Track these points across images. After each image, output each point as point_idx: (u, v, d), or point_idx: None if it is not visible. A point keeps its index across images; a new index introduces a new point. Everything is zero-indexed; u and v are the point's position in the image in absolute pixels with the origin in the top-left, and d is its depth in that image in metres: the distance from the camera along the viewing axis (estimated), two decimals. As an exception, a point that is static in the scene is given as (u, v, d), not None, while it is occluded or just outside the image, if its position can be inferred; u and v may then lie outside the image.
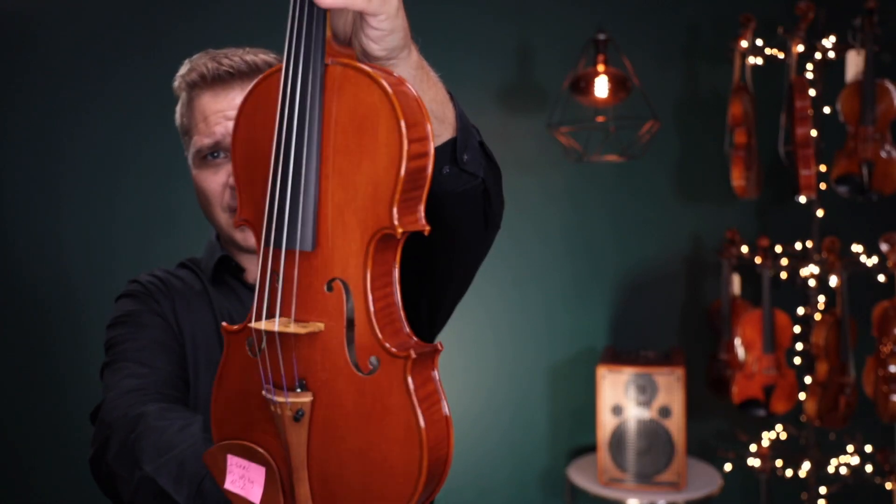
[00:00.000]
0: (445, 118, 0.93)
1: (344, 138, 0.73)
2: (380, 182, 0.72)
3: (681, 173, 3.17)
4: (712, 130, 3.06)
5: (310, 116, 0.74)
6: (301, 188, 0.74)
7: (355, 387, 0.74)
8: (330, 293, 0.74)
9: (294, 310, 0.76)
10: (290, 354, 0.75)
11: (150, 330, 1.21)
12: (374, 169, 0.72)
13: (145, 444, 0.95)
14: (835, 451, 2.90)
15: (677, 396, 2.77)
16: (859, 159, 2.69)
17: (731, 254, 2.93)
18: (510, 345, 3.21)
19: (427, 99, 0.84)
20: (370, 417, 0.74)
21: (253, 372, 0.79)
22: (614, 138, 2.96)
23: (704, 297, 3.16)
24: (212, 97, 1.20)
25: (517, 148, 3.16)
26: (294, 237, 0.74)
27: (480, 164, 0.99)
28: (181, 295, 1.27)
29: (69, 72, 3.14)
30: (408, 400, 0.72)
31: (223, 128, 1.18)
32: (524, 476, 3.22)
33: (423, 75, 0.87)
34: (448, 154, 0.94)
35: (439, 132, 0.91)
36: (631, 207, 3.18)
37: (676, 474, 2.76)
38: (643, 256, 3.19)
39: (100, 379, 1.20)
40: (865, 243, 2.82)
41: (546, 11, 3.15)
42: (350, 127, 0.73)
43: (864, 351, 2.80)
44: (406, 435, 0.72)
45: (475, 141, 0.99)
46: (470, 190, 0.99)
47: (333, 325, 0.74)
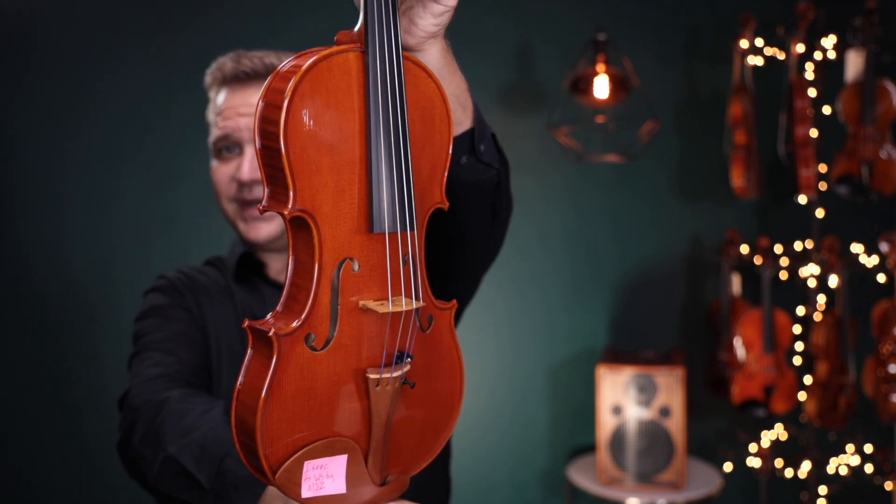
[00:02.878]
0: (467, 106, 0.95)
1: (414, 125, 0.80)
2: (436, 164, 0.82)
3: (681, 173, 3.17)
4: (712, 130, 3.06)
5: (401, 105, 0.78)
6: (407, 172, 0.79)
7: (423, 342, 0.85)
8: (405, 266, 0.81)
9: (402, 287, 0.82)
10: (405, 330, 0.82)
11: (175, 322, 1.26)
12: (433, 152, 0.82)
13: (169, 426, 0.99)
14: (835, 451, 2.90)
15: (677, 396, 2.77)
16: (859, 159, 2.69)
17: (730, 254, 2.93)
18: (510, 344, 3.22)
19: (452, 85, 0.91)
20: (430, 365, 0.86)
21: (317, 367, 0.78)
22: (614, 138, 2.97)
23: (704, 297, 3.17)
24: (229, 94, 1.28)
25: (517, 148, 3.16)
26: (403, 218, 0.79)
27: (495, 156, 1.01)
28: (206, 291, 1.33)
29: (69, 71, 3.14)
30: (453, 342, 0.88)
31: (234, 122, 1.25)
32: (524, 476, 3.22)
33: (451, 59, 0.91)
34: (466, 144, 0.97)
35: (461, 120, 0.94)
36: (631, 207, 3.18)
37: (676, 474, 2.76)
38: (643, 256, 3.19)
39: (127, 369, 1.24)
40: (865, 243, 2.82)
41: (546, 11, 3.15)
42: (416, 115, 0.80)
43: (864, 351, 2.81)
44: (452, 369, 0.89)
45: (489, 132, 1.01)
46: (484, 181, 1.01)
47: (415, 295, 0.83)
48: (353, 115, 0.77)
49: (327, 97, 0.75)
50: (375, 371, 0.80)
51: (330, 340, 0.78)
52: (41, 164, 3.17)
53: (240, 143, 1.26)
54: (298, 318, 0.77)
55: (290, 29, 3.03)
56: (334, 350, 0.79)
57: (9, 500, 3.24)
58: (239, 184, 1.26)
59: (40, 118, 3.16)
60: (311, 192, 0.75)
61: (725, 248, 2.94)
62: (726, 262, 2.94)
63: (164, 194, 3.14)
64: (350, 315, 0.79)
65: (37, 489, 3.21)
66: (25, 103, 3.16)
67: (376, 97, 0.76)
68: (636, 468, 2.78)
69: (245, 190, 1.26)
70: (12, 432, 3.21)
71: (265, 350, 0.77)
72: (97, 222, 3.17)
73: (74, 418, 3.17)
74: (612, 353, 3.00)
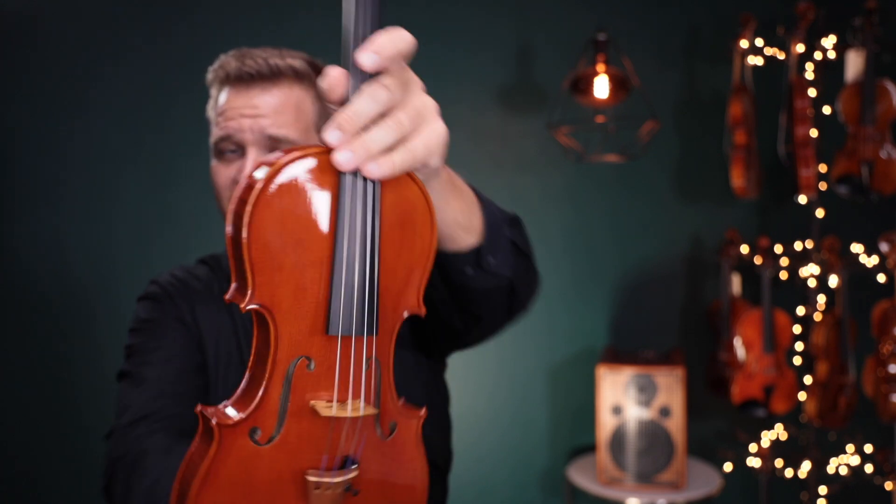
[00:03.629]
0: (471, 227, 0.93)
1: (390, 230, 0.78)
2: (413, 270, 0.80)
3: (681, 173, 3.17)
4: (712, 130, 3.06)
5: (373, 207, 0.76)
6: (371, 277, 0.77)
7: (380, 450, 0.81)
8: (368, 370, 0.79)
9: (350, 391, 0.79)
10: (352, 435, 0.79)
11: (167, 340, 1.24)
12: (410, 258, 0.80)
13: (138, 488, 0.99)
14: (835, 451, 2.90)
15: (677, 396, 2.77)
16: (859, 159, 2.69)
17: (730, 254, 2.93)
18: (510, 344, 3.21)
19: (454, 211, 0.89)
20: (385, 473, 0.83)
21: (259, 462, 0.77)
22: (614, 138, 2.97)
23: (704, 297, 3.17)
24: (232, 94, 1.25)
25: (517, 148, 3.16)
26: (362, 323, 0.77)
27: (509, 265, 0.99)
28: (200, 296, 1.31)
29: (69, 71, 3.14)
30: (417, 451, 0.84)
31: (237, 123, 1.23)
32: (524, 476, 3.22)
33: (450, 188, 0.88)
34: (472, 259, 0.95)
35: (464, 239, 0.93)
36: (631, 207, 3.18)
37: (676, 474, 2.76)
38: (643, 256, 3.19)
39: (117, 381, 1.23)
40: (865, 243, 2.82)
41: (546, 11, 3.15)
42: (394, 218, 0.78)
43: (864, 351, 2.80)
44: (413, 480, 0.85)
45: (505, 241, 0.99)
46: (493, 289, 1.00)
47: (372, 401, 0.80)
48: (324, 214, 0.74)
49: (299, 196, 0.73)
50: (315, 474, 0.78)
51: (274, 437, 0.77)
52: (41, 164, 3.17)
53: (242, 144, 1.24)
54: (245, 410, 0.76)
55: (291, 28, 3.03)
56: (278, 447, 0.77)
57: (9, 500, 3.24)
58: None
59: (40, 118, 3.16)
60: (271, 287, 0.74)
61: (725, 248, 2.94)
62: (726, 262, 2.94)
63: (163, 194, 3.14)
64: (299, 413, 0.77)
65: (37, 489, 3.21)
66: (25, 103, 3.16)
67: (346, 198, 0.74)
68: (636, 468, 2.78)
69: None
70: (12, 432, 3.21)
71: (207, 436, 0.76)
72: (97, 222, 3.17)
73: (74, 418, 3.17)
74: (612, 353, 3.00)
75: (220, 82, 1.28)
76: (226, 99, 1.26)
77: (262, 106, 1.23)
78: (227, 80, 1.26)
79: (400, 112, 0.74)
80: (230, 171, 1.26)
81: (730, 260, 2.93)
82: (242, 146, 1.24)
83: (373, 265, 0.77)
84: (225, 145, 1.25)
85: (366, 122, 0.72)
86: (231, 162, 1.26)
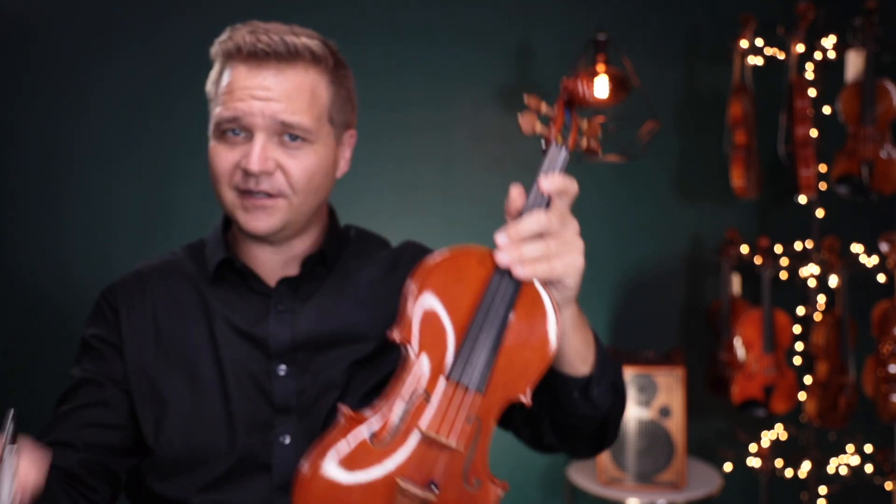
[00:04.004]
0: (587, 359, 1.10)
1: (519, 322, 1.02)
2: (530, 364, 1.02)
3: (681, 173, 3.17)
4: (712, 131, 3.06)
5: (511, 300, 1.01)
6: (492, 346, 1.01)
7: (459, 493, 1.01)
8: (469, 425, 1.01)
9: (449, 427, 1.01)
10: (442, 462, 1.00)
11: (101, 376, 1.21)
12: (530, 353, 1.02)
13: None
14: (835, 451, 2.90)
15: (677, 396, 2.77)
16: (859, 159, 2.69)
17: (730, 254, 2.93)
18: (510, 345, 3.21)
19: (577, 341, 1.08)
20: None
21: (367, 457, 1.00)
22: (614, 138, 2.96)
23: (704, 297, 3.17)
24: (244, 72, 1.15)
25: (517, 147, 3.16)
26: (475, 378, 1.01)
27: (607, 399, 1.13)
28: (172, 296, 1.25)
29: (70, 71, 3.14)
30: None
31: (247, 105, 1.14)
32: (524, 476, 3.22)
33: (579, 321, 1.08)
34: (581, 385, 1.10)
35: (580, 368, 1.09)
36: (631, 207, 3.18)
37: (676, 474, 2.76)
38: (643, 256, 3.19)
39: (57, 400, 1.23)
40: (865, 243, 2.82)
41: (546, 11, 3.15)
42: (525, 317, 1.02)
43: (864, 351, 2.80)
44: None
45: (608, 379, 1.13)
46: (589, 417, 1.13)
47: (464, 446, 1.01)
48: (473, 292, 1.02)
49: (458, 276, 1.02)
50: (405, 481, 0.99)
51: (385, 441, 1.00)
52: (41, 164, 3.17)
53: (250, 128, 1.14)
54: (374, 415, 1.01)
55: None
56: (385, 451, 1.00)
57: (8, 500, 3.23)
58: (244, 172, 1.14)
59: (40, 118, 3.16)
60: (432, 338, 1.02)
61: (725, 248, 2.94)
62: (726, 262, 2.94)
63: (163, 194, 3.14)
64: (408, 432, 1.00)
65: (36, 489, 3.21)
66: (25, 103, 3.16)
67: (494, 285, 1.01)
68: (636, 468, 2.78)
69: (252, 180, 1.15)
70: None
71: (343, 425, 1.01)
72: (97, 222, 3.17)
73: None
74: (613, 352, 3.00)
75: (227, 56, 1.18)
76: (234, 76, 1.15)
77: (275, 88, 1.14)
78: (237, 55, 1.16)
79: (552, 239, 1.01)
80: (233, 156, 1.15)
81: (730, 260, 2.93)
82: (250, 130, 1.14)
83: (497, 338, 1.00)
84: (230, 126, 1.15)
85: (526, 237, 1.00)
86: (235, 145, 1.15)
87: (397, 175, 3.18)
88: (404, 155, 3.17)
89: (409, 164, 3.19)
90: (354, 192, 3.03)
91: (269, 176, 1.14)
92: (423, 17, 3.12)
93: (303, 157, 1.15)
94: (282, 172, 1.14)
